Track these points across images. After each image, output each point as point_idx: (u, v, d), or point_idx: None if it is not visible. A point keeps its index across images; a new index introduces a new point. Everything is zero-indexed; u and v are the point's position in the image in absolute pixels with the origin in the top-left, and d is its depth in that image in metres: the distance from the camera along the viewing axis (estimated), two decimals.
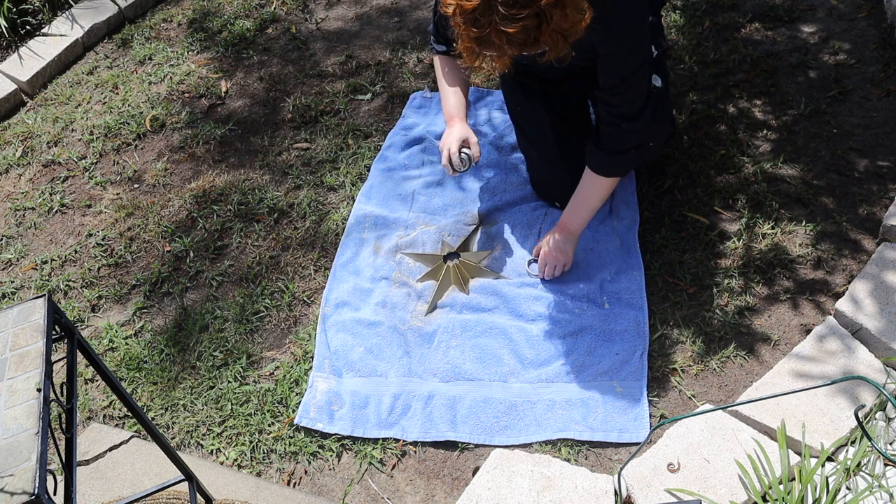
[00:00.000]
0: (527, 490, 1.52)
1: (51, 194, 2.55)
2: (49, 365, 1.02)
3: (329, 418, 1.79)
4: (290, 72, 2.85)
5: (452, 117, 2.01)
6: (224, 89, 2.83)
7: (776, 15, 2.58)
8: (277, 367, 1.93)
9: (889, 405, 1.53)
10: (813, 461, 1.47)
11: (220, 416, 1.85)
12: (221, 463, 1.77)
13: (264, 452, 1.77)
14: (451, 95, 2.02)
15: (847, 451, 1.48)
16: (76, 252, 2.35)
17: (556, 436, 1.68)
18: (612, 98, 1.74)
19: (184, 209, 2.40)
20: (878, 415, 1.52)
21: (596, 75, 1.81)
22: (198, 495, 1.52)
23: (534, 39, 1.46)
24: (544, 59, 1.53)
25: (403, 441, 1.74)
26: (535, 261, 2.01)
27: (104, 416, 1.92)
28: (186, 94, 2.84)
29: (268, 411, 1.84)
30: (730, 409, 1.58)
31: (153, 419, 1.88)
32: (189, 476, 1.48)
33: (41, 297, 1.09)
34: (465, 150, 1.96)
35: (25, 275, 2.31)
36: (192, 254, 2.26)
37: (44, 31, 3.15)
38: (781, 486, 1.42)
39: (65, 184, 2.59)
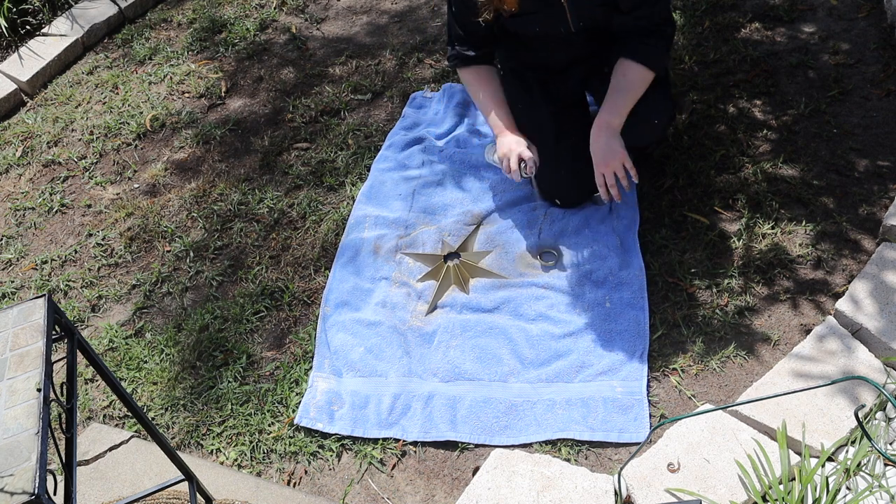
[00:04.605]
0: (527, 490, 1.52)
1: (51, 194, 2.55)
2: (49, 365, 1.02)
3: (329, 418, 1.79)
4: (290, 72, 2.85)
5: (503, 129, 2.01)
6: (224, 89, 2.83)
7: (776, 15, 2.58)
8: (277, 367, 1.93)
9: (889, 405, 1.53)
10: (813, 461, 1.47)
11: (220, 416, 1.85)
12: (221, 463, 1.77)
13: (264, 452, 1.77)
14: (493, 107, 2.03)
15: (847, 451, 1.48)
16: (76, 252, 2.35)
17: (556, 436, 1.68)
18: (648, 11, 1.80)
19: (184, 209, 2.40)
20: (878, 415, 1.52)
21: (596, 63, 1.87)
22: (198, 495, 1.52)
23: None
24: None
25: (403, 441, 1.74)
26: (548, 252, 2.02)
27: (104, 416, 1.92)
28: (186, 94, 2.85)
29: (268, 411, 1.84)
30: (730, 409, 1.58)
31: (153, 419, 1.88)
32: (189, 476, 1.48)
33: (41, 297, 1.09)
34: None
35: (25, 275, 2.31)
36: (192, 254, 2.26)
37: (44, 31, 3.15)
38: (781, 486, 1.42)
39: (65, 184, 2.59)
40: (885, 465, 1.46)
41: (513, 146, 1.97)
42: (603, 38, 1.93)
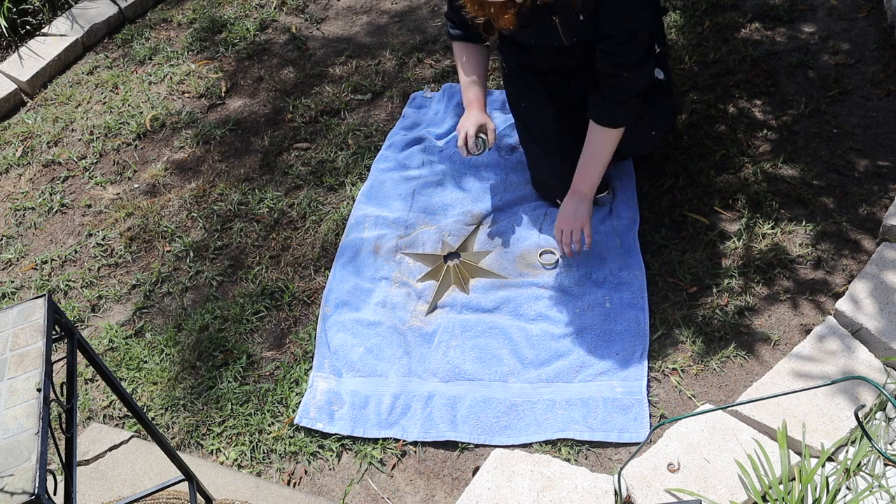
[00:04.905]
0: (527, 490, 1.52)
1: (51, 194, 2.55)
2: (49, 365, 1.02)
3: (329, 418, 1.79)
4: (290, 72, 2.85)
5: (471, 103, 2.04)
6: (224, 89, 2.83)
7: (776, 15, 2.58)
8: (277, 367, 1.93)
9: (889, 405, 1.53)
10: (813, 461, 1.47)
11: (220, 416, 1.85)
12: (221, 463, 1.77)
13: (264, 452, 1.77)
14: (469, 83, 2.05)
15: (847, 451, 1.48)
16: (76, 252, 2.35)
17: (556, 436, 1.68)
18: (613, 48, 1.75)
19: (184, 209, 2.40)
20: (878, 415, 1.52)
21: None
22: (198, 495, 1.52)
23: None
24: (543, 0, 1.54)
25: (403, 441, 1.74)
26: (548, 252, 2.02)
27: (104, 416, 1.92)
28: (186, 94, 2.85)
29: (268, 411, 1.84)
30: (730, 409, 1.58)
31: (153, 419, 1.88)
32: (189, 476, 1.48)
33: (41, 297, 1.09)
34: (481, 134, 2.01)
35: (25, 275, 2.31)
36: (192, 254, 2.26)
37: (44, 31, 3.15)
38: (781, 486, 1.42)
39: (65, 184, 2.59)
40: (885, 465, 1.46)
41: (466, 123, 2.00)
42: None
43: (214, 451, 1.80)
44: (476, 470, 1.65)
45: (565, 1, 1.67)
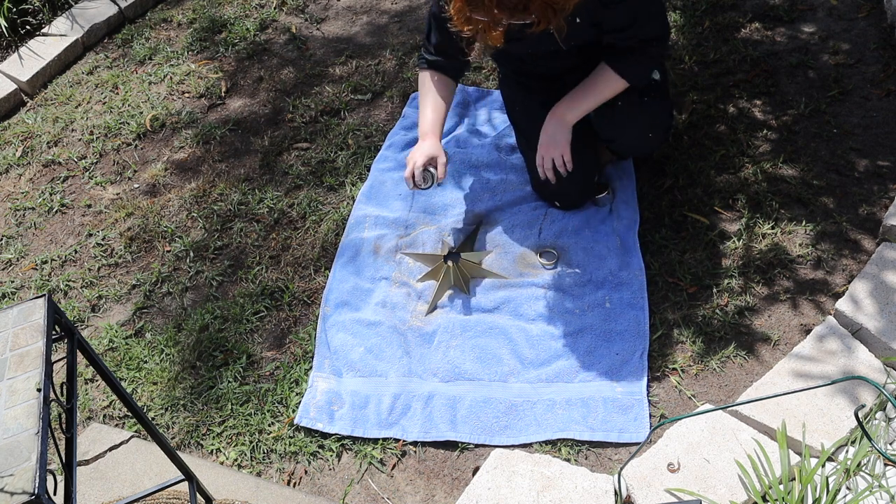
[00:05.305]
0: (527, 490, 1.52)
1: (51, 194, 2.55)
2: (49, 365, 1.02)
3: (329, 418, 1.79)
4: (290, 72, 2.85)
5: (426, 133, 1.99)
6: (224, 89, 2.83)
7: (776, 15, 2.58)
8: (277, 367, 1.93)
9: (889, 405, 1.53)
10: (813, 461, 1.47)
11: (220, 416, 1.85)
12: (221, 463, 1.77)
13: (264, 452, 1.77)
14: (428, 111, 2.02)
15: (847, 451, 1.49)
16: (76, 252, 2.35)
17: (556, 436, 1.68)
18: (639, 30, 1.76)
19: (184, 209, 2.40)
20: (878, 415, 1.53)
21: (591, 69, 1.85)
22: (198, 495, 1.52)
23: (524, 7, 1.48)
24: (532, 30, 1.55)
25: (403, 441, 1.74)
26: (549, 252, 2.02)
27: (104, 416, 1.92)
28: (186, 94, 2.85)
29: (268, 411, 1.84)
30: (730, 409, 1.58)
31: (153, 419, 1.88)
32: (189, 476, 1.48)
33: (41, 297, 1.09)
34: (430, 168, 1.95)
35: (25, 275, 2.31)
36: (192, 254, 2.26)
37: (44, 31, 3.15)
38: (781, 486, 1.42)
39: (65, 184, 2.59)
40: (885, 465, 1.46)
41: (416, 154, 1.95)
42: (597, 49, 1.93)
43: (214, 451, 1.80)
44: (476, 470, 1.65)
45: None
